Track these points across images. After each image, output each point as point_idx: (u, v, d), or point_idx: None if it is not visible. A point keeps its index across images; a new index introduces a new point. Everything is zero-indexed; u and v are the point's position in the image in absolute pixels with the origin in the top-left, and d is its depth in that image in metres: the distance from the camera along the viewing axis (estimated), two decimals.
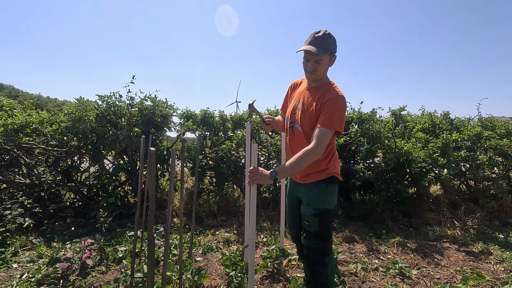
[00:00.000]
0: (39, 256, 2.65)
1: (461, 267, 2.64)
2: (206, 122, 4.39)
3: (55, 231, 3.30)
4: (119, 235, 3.18)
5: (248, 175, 1.51)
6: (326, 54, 1.54)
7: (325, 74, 1.69)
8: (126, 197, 4.21)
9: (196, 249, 2.97)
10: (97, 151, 3.86)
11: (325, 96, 1.59)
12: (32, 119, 3.74)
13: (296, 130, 1.72)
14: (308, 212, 1.68)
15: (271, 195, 4.01)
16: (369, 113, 4.19)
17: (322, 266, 1.72)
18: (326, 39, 1.54)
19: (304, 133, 1.68)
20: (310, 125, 1.64)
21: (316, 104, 1.61)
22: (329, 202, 1.69)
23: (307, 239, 1.71)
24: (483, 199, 3.95)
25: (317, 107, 1.61)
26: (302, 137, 1.69)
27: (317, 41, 1.54)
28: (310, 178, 1.70)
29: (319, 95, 1.63)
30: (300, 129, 1.69)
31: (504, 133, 4.32)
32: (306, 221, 1.68)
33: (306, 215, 1.68)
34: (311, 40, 1.56)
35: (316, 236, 1.67)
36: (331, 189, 1.69)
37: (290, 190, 1.93)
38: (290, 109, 1.79)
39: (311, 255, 1.73)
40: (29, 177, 3.57)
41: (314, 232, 1.66)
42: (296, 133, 1.73)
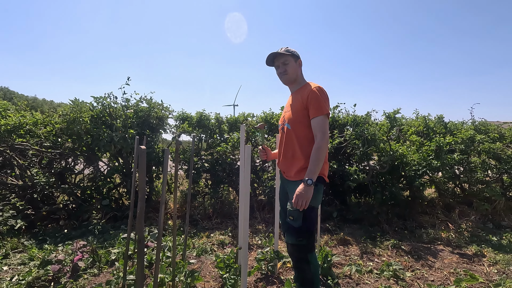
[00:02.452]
0: (30, 258, 2.61)
1: (455, 269, 2.64)
2: (202, 124, 4.39)
3: (48, 233, 3.26)
4: (112, 237, 3.15)
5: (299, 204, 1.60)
6: (288, 54, 1.82)
7: (298, 75, 1.89)
8: (121, 199, 4.18)
9: (190, 252, 2.94)
10: (92, 152, 3.83)
11: (305, 93, 1.78)
12: (26, 120, 3.71)
13: (286, 129, 1.87)
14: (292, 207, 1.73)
15: (266, 197, 4.01)
16: (363, 116, 4.22)
17: (305, 263, 1.77)
18: (286, 48, 1.86)
19: (292, 129, 1.82)
20: (295, 121, 1.81)
21: (301, 104, 1.77)
22: (315, 200, 1.72)
23: (290, 235, 1.76)
24: (477, 202, 3.97)
25: (302, 106, 1.77)
26: (291, 134, 1.83)
27: (279, 50, 1.85)
28: (299, 175, 1.76)
29: (301, 95, 1.80)
30: (290, 127, 1.83)
31: (497, 137, 4.37)
32: (291, 216, 1.74)
33: (291, 210, 1.74)
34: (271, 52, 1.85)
35: (299, 232, 1.71)
36: (318, 188, 1.73)
37: (282, 186, 2.02)
38: (282, 115, 2.01)
39: (294, 253, 1.79)
40: (22, 179, 3.53)
41: (297, 227, 1.71)
42: (287, 131, 1.87)
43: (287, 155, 1.85)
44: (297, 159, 1.79)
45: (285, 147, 1.86)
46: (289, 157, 1.84)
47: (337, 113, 4.42)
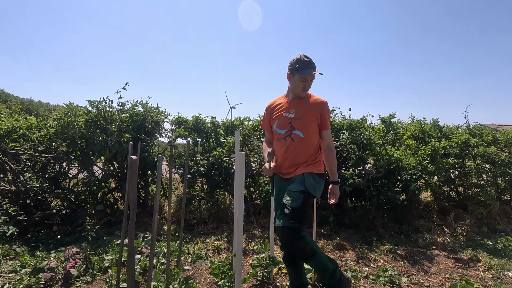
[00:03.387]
0: (22, 265, 2.57)
1: (450, 274, 2.64)
2: (198, 128, 4.38)
3: (40, 239, 3.21)
4: (106, 243, 3.11)
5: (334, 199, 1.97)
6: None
7: None
8: (116, 204, 4.14)
9: (185, 257, 2.92)
10: (86, 157, 3.79)
11: (318, 105, 1.97)
12: (19, 124, 3.67)
13: (296, 136, 1.96)
14: (296, 188, 1.85)
15: (262, 202, 3.99)
16: (359, 120, 4.23)
17: (299, 240, 1.79)
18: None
19: (305, 137, 1.95)
20: (308, 129, 1.95)
21: (315, 115, 1.95)
22: (318, 191, 1.93)
23: (283, 217, 1.78)
24: (472, 206, 3.99)
25: (316, 116, 1.95)
26: (303, 141, 1.95)
27: (313, 64, 1.91)
28: (305, 169, 1.93)
29: (310, 104, 1.98)
30: (302, 135, 1.95)
31: (491, 141, 4.40)
32: (290, 196, 1.81)
33: (293, 191, 1.83)
34: (310, 64, 1.89)
35: (295, 213, 1.77)
36: (321, 182, 1.97)
37: (280, 190, 2.07)
38: (281, 122, 2.04)
39: (286, 234, 1.78)
40: (15, 184, 3.48)
41: (294, 207, 1.77)
42: (296, 138, 1.96)
43: (298, 161, 1.96)
44: (305, 162, 1.96)
45: (295, 154, 1.96)
46: (300, 162, 1.96)
47: (333, 118, 4.43)
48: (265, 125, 2.22)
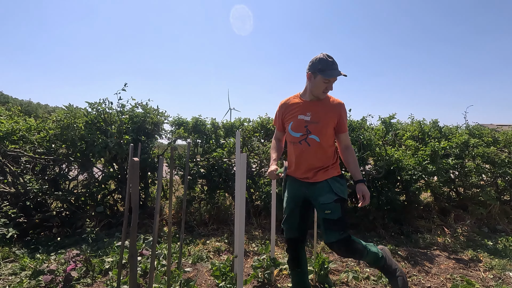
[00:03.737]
0: (22, 268, 2.56)
1: (451, 275, 2.64)
2: (198, 130, 4.37)
3: (40, 241, 3.20)
4: (106, 245, 3.10)
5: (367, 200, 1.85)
6: None
7: None
8: (116, 206, 4.13)
9: (186, 259, 2.91)
10: (86, 158, 3.79)
11: (335, 107, 1.90)
12: (19, 126, 3.66)
13: (312, 140, 1.88)
14: (330, 199, 1.80)
15: (262, 203, 3.98)
16: (359, 121, 4.24)
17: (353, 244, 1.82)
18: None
19: (322, 141, 1.88)
20: (325, 133, 1.88)
21: (332, 117, 1.88)
22: (345, 193, 1.93)
23: (332, 232, 1.77)
24: (472, 206, 3.99)
25: (333, 117, 1.88)
26: (320, 145, 1.88)
27: (336, 65, 1.81)
28: (326, 174, 1.90)
29: (329, 107, 1.91)
30: (318, 139, 1.87)
31: (491, 141, 4.41)
32: (328, 209, 1.77)
33: (328, 203, 1.79)
34: (334, 65, 1.79)
35: (340, 223, 1.76)
36: (345, 182, 1.96)
37: (294, 193, 2.01)
38: (296, 124, 1.93)
39: (343, 247, 1.79)
40: (14, 186, 3.47)
41: (337, 219, 1.76)
42: (313, 143, 1.88)
43: (316, 166, 1.90)
44: (324, 166, 1.91)
45: (311, 159, 1.89)
46: (318, 167, 1.90)
47: None
48: (277, 123, 2.11)
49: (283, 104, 2.05)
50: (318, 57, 1.81)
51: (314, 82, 1.85)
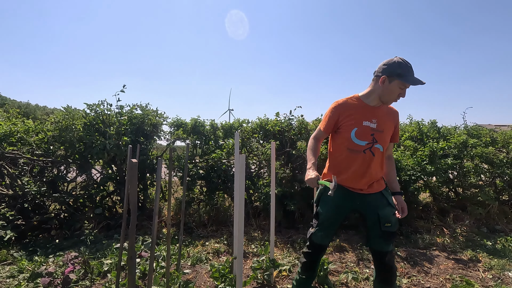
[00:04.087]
0: (20, 271, 2.54)
1: (451, 275, 2.64)
2: (197, 131, 4.37)
3: (38, 244, 3.18)
4: (105, 247, 3.09)
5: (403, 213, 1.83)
6: None
7: None
8: (114, 208, 4.12)
9: (185, 261, 2.90)
10: (85, 160, 3.77)
11: (394, 115, 1.88)
12: (17, 128, 3.64)
13: (377, 150, 1.79)
14: (390, 213, 1.78)
15: (262, 204, 3.98)
16: None
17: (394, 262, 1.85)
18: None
19: (383, 151, 1.83)
20: (386, 143, 1.84)
21: (391, 124, 1.84)
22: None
23: (389, 242, 1.77)
24: (471, 206, 4.00)
25: (391, 125, 1.85)
26: (382, 156, 1.83)
27: (413, 71, 1.71)
28: (380, 185, 1.85)
29: (389, 115, 1.86)
30: (382, 149, 1.80)
31: (489, 141, 4.42)
32: (389, 222, 1.75)
33: (389, 216, 1.76)
34: (412, 71, 1.69)
35: (394, 236, 1.79)
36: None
37: (342, 203, 1.84)
38: (362, 131, 1.78)
39: (391, 258, 1.80)
40: (12, 188, 3.45)
41: (393, 232, 1.76)
42: (377, 153, 1.79)
43: (376, 177, 1.81)
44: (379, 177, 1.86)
45: (375, 170, 1.79)
46: (377, 178, 1.82)
47: None
48: (328, 126, 1.87)
49: (341, 105, 1.84)
50: (396, 60, 1.69)
51: (388, 86, 1.71)
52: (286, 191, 3.69)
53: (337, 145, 1.86)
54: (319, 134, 1.95)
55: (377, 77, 1.75)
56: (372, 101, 1.80)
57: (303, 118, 4.49)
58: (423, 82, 1.67)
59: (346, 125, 1.80)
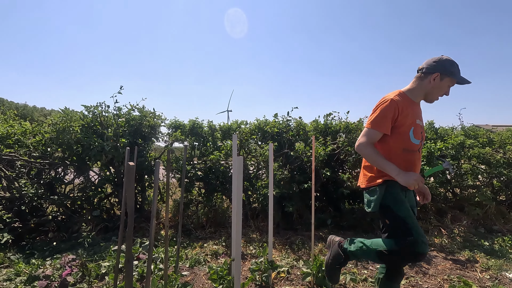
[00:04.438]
0: (16, 274, 2.53)
1: (448, 275, 2.65)
2: (195, 132, 4.37)
3: (36, 246, 3.16)
4: (103, 250, 3.07)
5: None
6: None
7: None
8: (112, 210, 4.10)
9: (183, 263, 2.89)
10: (82, 162, 3.76)
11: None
12: (14, 130, 3.63)
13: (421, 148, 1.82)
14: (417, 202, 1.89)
15: (260, 205, 3.98)
16: (356, 122, 4.25)
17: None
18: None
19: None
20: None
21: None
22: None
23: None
24: (469, 207, 4.02)
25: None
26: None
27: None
28: None
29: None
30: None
31: (486, 142, 4.45)
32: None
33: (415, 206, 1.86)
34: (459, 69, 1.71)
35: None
36: None
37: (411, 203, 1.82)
38: (416, 130, 1.75)
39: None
40: (9, 191, 3.44)
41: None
42: (421, 150, 1.82)
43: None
44: None
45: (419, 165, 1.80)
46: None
47: (330, 120, 4.45)
48: (388, 126, 1.70)
49: (397, 102, 1.70)
50: (446, 58, 1.70)
51: (438, 84, 1.70)
52: (284, 193, 3.69)
53: (389, 146, 1.73)
54: (375, 137, 1.73)
55: (425, 74, 1.72)
56: (416, 98, 1.78)
57: (301, 120, 4.51)
58: (470, 81, 1.71)
59: (404, 125, 1.71)
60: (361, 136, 1.76)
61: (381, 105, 1.72)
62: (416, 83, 1.77)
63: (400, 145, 1.71)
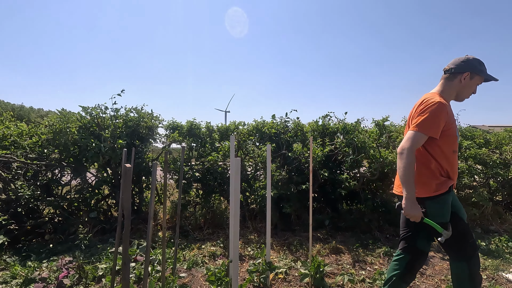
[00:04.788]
0: (12, 276, 2.51)
1: (446, 276, 2.66)
2: (193, 133, 4.36)
3: (32, 248, 3.14)
4: (100, 252, 3.06)
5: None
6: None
7: None
8: (109, 211, 4.08)
9: (181, 264, 2.88)
10: (79, 163, 3.74)
11: None
12: (10, 131, 3.61)
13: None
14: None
15: (258, 206, 3.98)
16: (353, 123, 4.27)
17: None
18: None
19: None
20: None
21: None
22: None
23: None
24: (465, 207, 4.03)
25: None
26: None
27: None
28: None
29: None
30: None
31: (482, 142, 4.47)
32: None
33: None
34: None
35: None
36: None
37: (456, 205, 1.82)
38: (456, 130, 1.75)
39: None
40: (5, 192, 3.41)
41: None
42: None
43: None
44: None
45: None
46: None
47: (328, 121, 4.46)
48: (438, 129, 1.64)
49: (445, 105, 1.66)
50: (474, 58, 1.72)
51: (469, 83, 1.72)
52: (282, 193, 3.69)
53: (441, 150, 1.69)
54: (421, 142, 1.65)
55: (454, 74, 1.73)
56: (448, 99, 1.77)
57: (299, 121, 4.51)
58: (497, 79, 1.75)
59: (452, 127, 1.69)
60: (405, 140, 1.66)
61: (429, 108, 1.64)
62: (446, 84, 1.77)
63: (451, 147, 1.70)
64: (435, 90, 1.80)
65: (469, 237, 1.68)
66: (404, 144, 1.64)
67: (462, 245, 1.68)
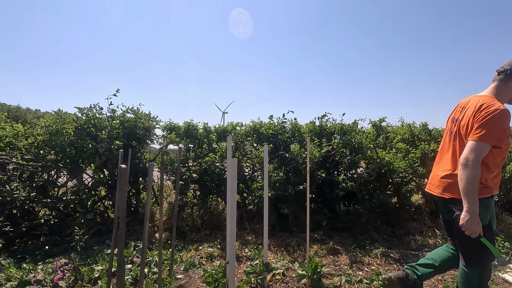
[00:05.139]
0: (7, 279, 2.48)
1: (443, 276, 2.67)
2: (190, 134, 4.35)
3: (27, 250, 3.11)
4: (96, 253, 3.03)
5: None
6: None
7: None
8: (106, 213, 4.05)
9: (178, 266, 2.87)
10: (76, 165, 3.72)
11: None
12: (5, 132, 3.58)
13: None
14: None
15: (256, 207, 3.97)
16: (350, 124, 4.28)
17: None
18: None
19: None
20: None
21: None
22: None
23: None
24: None
25: None
26: None
27: None
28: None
29: None
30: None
31: None
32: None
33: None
34: None
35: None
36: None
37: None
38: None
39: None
40: (0, 194, 3.38)
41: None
42: None
43: None
44: None
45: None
46: None
47: (325, 122, 4.47)
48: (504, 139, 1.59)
49: (508, 111, 1.60)
50: None
51: None
52: (279, 194, 3.69)
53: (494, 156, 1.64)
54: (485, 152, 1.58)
55: (511, 75, 1.66)
56: (503, 102, 1.71)
57: (297, 121, 4.52)
58: None
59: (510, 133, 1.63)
60: (469, 151, 1.57)
61: (492, 115, 1.56)
62: (501, 86, 1.70)
63: (502, 154, 1.65)
64: (490, 93, 1.71)
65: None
66: (469, 155, 1.55)
67: (482, 253, 1.65)
